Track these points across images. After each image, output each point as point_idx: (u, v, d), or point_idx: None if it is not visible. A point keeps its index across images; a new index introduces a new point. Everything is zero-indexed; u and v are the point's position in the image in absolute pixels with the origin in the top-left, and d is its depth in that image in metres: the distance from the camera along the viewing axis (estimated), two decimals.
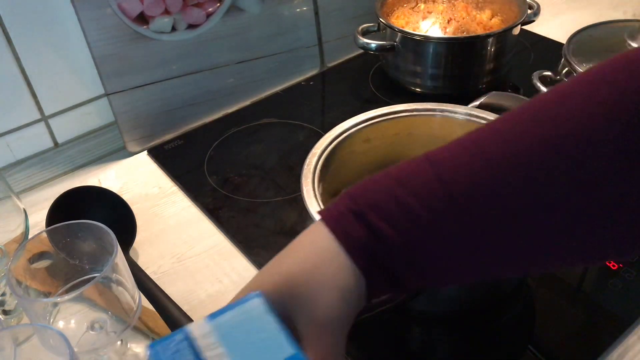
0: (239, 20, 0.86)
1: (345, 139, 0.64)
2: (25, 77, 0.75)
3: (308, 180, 0.57)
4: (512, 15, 0.88)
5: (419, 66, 0.86)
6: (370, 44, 0.87)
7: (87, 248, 0.52)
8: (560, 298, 0.58)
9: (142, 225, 0.69)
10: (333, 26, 0.97)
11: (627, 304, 0.57)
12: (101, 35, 0.75)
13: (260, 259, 0.64)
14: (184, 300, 0.60)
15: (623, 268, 0.60)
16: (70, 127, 0.82)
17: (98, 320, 0.52)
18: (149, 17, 0.78)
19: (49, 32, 0.74)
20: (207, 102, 0.88)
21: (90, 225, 0.50)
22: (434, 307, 0.55)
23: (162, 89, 0.83)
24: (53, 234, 0.51)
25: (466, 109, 0.65)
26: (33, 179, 0.78)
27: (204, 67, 0.86)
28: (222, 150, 0.82)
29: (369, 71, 0.97)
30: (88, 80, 0.80)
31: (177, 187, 0.76)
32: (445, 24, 0.89)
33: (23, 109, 0.77)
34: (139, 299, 0.51)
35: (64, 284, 0.53)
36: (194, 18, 0.81)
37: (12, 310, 0.58)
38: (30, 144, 0.80)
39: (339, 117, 0.67)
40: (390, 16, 0.92)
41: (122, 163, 0.81)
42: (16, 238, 0.56)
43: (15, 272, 0.48)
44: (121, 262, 0.49)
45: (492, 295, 0.56)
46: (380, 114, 0.66)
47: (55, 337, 0.42)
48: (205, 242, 0.67)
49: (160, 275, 0.63)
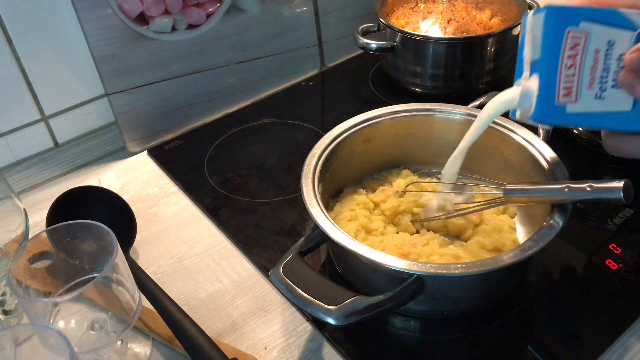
0: (239, 20, 0.86)
1: (345, 139, 0.64)
2: (25, 77, 0.75)
3: (308, 180, 0.57)
4: (512, 15, 0.88)
5: (419, 66, 0.86)
6: (370, 44, 0.87)
7: (87, 248, 0.52)
8: (560, 298, 0.59)
9: (142, 225, 0.69)
10: (333, 26, 0.97)
11: (627, 304, 0.57)
12: (101, 36, 0.75)
13: (260, 259, 0.64)
14: (184, 300, 0.60)
15: (623, 268, 0.60)
16: (70, 127, 0.82)
17: (98, 320, 0.52)
18: (149, 17, 0.78)
19: (49, 32, 0.74)
20: (207, 102, 0.88)
21: (90, 225, 0.50)
22: (434, 307, 0.55)
23: (162, 89, 0.83)
24: (53, 234, 0.51)
25: (466, 109, 0.65)
26: (33, 179, 0.78)
27: (204, 67, 0.86)
28: (222, 150, 0.82)
29: (369, 71, 0.97)
30: (88, 80, 0.80)
31: (177, 187, 0.76)
32: (445, 24, 0.89)
33: (23, 109, 0.77)
34: (139, 299, 0.51)
35: (64, 284, 0.53)
36: (194, 18, 0.81)
37: (12, 310, 0.58)
38: (30, 144, 0.80)
39: (339, 117, 0.67)
40: (390, 16, 0.92)
41: (122, 163, 0.81)
42: (16, 238, 0.56)
43: (15, 272, 0.48)
44: (121, 262, 0.49)
45: (492, 295, 0.56)
46: (380, 114, 0.66)
47: (55, 337, 0.42)
48: (205, 242, 0.67)
49: (160, 275, 0.63)
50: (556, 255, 0.62)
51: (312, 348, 0.55)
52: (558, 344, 0.54)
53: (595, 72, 0.45)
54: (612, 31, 0.44)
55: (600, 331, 0.55)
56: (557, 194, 0.51)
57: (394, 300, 0.48)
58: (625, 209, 0.67)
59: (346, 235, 0.51)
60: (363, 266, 0.54)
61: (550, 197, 0.52)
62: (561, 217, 0.51)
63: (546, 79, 0.45)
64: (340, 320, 0.46)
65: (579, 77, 0.45)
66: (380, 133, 0.66)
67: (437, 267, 0.48)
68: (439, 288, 0.52)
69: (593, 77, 0.45)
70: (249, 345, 0.56)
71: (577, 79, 0.45)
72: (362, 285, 0.56)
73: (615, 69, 0.45)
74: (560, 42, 0.45)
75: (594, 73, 0.45)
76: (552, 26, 0.45)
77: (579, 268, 0.61)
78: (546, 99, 0.46)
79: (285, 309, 0.59)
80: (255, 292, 0.61)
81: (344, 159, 0.64)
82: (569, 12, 0.44)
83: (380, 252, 0.50)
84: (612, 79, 0.45)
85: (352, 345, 0.55)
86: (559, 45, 0.45)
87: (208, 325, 0.57)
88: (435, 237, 0.59)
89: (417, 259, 0.55)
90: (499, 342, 0.56)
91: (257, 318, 0.58)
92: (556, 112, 0.46)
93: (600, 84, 0.46)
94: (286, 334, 0.56)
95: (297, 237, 0.61)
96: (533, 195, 0.53)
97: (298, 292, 0.48)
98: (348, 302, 0.47)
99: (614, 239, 0.63)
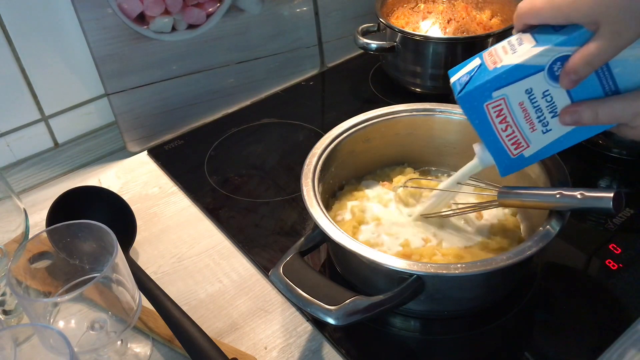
0: (239, 20, 0.86)
1: (345, 139, 0.64)
2: (25, 77, 0.75)
3: (308, 180, 0.57)
4: (512, 15, 0.87)
5: (419, 66, 0.86)
6: (370, 44, 0.87)
7: (87, 248, 0.52)
8: (560, 298, 0.58)
9: (142, 225, 0.69)
10: (333, 26, 0.97)
11: (626, 304, 0.57)
12: (101, 36, 0.75)
13: (260, 259, 0.64)
14: (184, 300, 0.60)
15: (623, 268, 0.60)
16: (70, 127, 0.82)
17: (98, 320, 0.52)
18: (149, 17, 0.78)
19: (49, 32, 0.74)
20: (207, 102, 0.88)
21: (90, 225, 0.50)
22: (434, 307, 0.55)
23: (162, 89, 0.83)
24: (53, 234, 0.51)
25: None
26: (33, 179, 0.78)
27: (204, 67, 0.86)
28: (222, 150, 0.82)
29: (369, 71, 0.97)
30: (88, 80, 0.80)
31: (177, 187, 0.76)
32: (445, 24, 0.89)
33: (23, 109, 0.77)
34: (139, 299, 0.51)
35: (64, 284, 0.53)
36: (194, 18, 0.81)
37: (12, 310, 0.58)
38: (30, 144, 0.80)
39: (339, 117, 0.67)
40: (390, 16, 0.92)
41: (122, 163, 0.81)
42: (16, 238, 0.56)
43: (15, 272, 0.48)
44: (121, 262, 0.49)
45: (492, 295, 0.56)
46: (380, 114, 0.66)
47: (55, 337, 0.42)
48: (205, 242, 0.67)
49: (160, 275, 0.63)
50: (556, 255, 0.62)
51: (312, 348, 0.55)
52: (558, 344, 0.54)
53: (529, 117, 0.49)
54: (524, 82, 0.47)
55: (600, 331, 0.55)
56: (549, 199, 0.52)
57: (394, 300, 0.48)
58: (625, 209, 0.67)
59: (346, 235, 0.51)
60: (363, 266, 0.54)
61: (542, 203, 0.52)
62: (559, 222, 0.51)
63: (493, 148, 0.51)
64: (340, 320, 0.46)
65: (519, 130, 0.49)
66: (380, 133, 0.66)
67: (437, 267, 0.48)
68: (439, 288, 0.52)
69: (531, 122, 0.49)
70: (249, 345, 0.56)
71: (518, 132, 0.49)
72: (362, 285, 0.56)
73: (546, 105, 0.48)
74: (485, 118, 0.49)
75: (530, 118, 0.49)
76: (472, 110, 0.49)
77: (579, 268, 0.62)
78: (502, 160, 0.51)
79: (285, 309, 0.59)
80: (255, 292, 0.61)
81: (344, 159, 0.64)
82: (478, 92, 0.48)
83: (380, 252, 0.50)
84: (548, 112, 0.48)
85: (352, 345, 0.55)
86: (486, 120, 0.49)
87: (208, 325, 0.57)
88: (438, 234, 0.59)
89: (419, 259, 0.55)
90: (499, 342, 0.55)
91: (257, 318, 0.58)
92: (518, 162, 0.51)
93: (540, 123, 0.49)
94: (286, 334, 0.56)
95: (297, 237, 0.61)
96: (525, 199, 0.54)
97: (298, 292, 0.48)
98: (348, 302, 0.47)
99: (614, 239, 0.63)
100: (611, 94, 0.46)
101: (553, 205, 0.51)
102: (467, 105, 0.49)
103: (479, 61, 0.49)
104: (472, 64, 0.50)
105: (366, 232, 0.59)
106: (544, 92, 0.47)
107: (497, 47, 0.49)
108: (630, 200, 0.68)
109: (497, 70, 0.47)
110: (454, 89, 0.50)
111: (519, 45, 0.47)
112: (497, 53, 0.48)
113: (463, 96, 0.48)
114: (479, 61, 0.49)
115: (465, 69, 0.50)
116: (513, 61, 0.46)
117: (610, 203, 0.47)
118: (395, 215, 0.61)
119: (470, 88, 0.48)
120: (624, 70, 0.45)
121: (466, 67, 0.50)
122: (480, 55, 0.50)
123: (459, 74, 0.50)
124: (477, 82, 0.48)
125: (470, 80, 0.48)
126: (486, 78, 0.47)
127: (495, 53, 0.49)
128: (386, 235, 0.59)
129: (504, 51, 0.48)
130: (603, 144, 0.74)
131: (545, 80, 0.46)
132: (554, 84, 0.46)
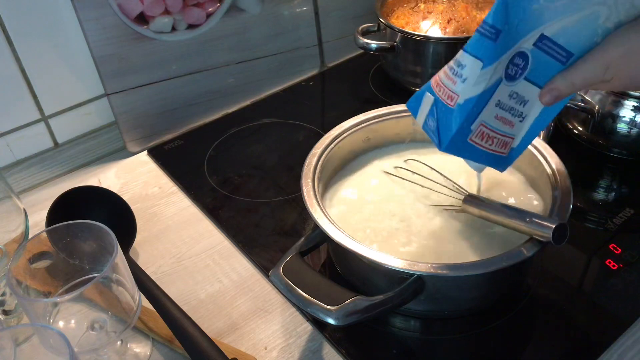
0: (239, 20, 0.86)
1: (345, 139, 0.64)
2: (25, 77, 0.75)
3: (308, 180, 0.57)
4: None
5: (419, 66, 0.86)
6: (370, 44, 0.87)
7: (87, 248, 0.52)
8: (560, 298, 0.59)
9: (142, 225, 0.69)
10: (333, 26, 0.97)
11: (627, 304, 0.57)
12: (101, 35, 0.75)
13: (260, 259, 0.64)
14: (184, 300, 0.60)
15: (623, 268, 0.60)
16: (70, 127, 0.82)
17: (98, 320, 0.52)
18: (149, 17, 0.78)
19: (49, 32, 0.74)
20: (207, 102, 0.88)
21: (90, 225, 0.50)
22: (434, 307, 0.55)
23: (162, 89, 0.83)
24: (53, 234, 0.51)
25: None
26: (33, 179, 0.78)
27: (204, 67, 0.86)
28: (222, 150, 0.82)
29: (369, 71, 0.97)
30: (88, 80, 0.80)
31: (177, 187, 0.76)
32: (445, 24, 0.89)
33: (23, 109, 0.77)
34: (139, 299, 0.51)
35: (64, 284, 0.54)
36: (194, 18, 0.81)
37: (12, 310, 0.58)
38: (30, 144, 0.80)
39: (339, 117, 0.67)
40: (390, 16, 0.92)
41: (122, 163, 0.81)
42: (16, 238, 0.56)
43: (15, 272, 0.48)
44: (121, 262, 0.49)
45: (493, 295, 0.56)
46: (380, 114, 0.66)
47: (55, 337, 0.42)
48: (205, 242, 0.67)
49: (160, 275, 0.63)
50: (556, 255, 0.62)
51: (312, 348, 0.55)
52: (558, 344, 0.54)
53: (507, 120, 0.50)
54: (492, 100, 0.47)
55: (600, 331, 0.55)
56: (502, 215, 0.52)
57: (394, 300, 0.48)
58: (625, 209, 0.67)
59: (346, 235, 0.51)
60: (363, 266, 0.54)
61: (496, 217, 0.52)
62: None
63: (486, 161, 0.51)
64: (341, 320, 0.46)
65: (503, 134, 0.50)
66: (380, 133, 0.66)
67: (437, 267, 0.48)
68: (439, 288, 0.52)
69: (509, 122, 0.50)
70: (249, 346, 0.56)
71: (502, 137, 0.50)
72: (362, 286, 0.56)
73: (515, 101, 0.48)
74: (473, 148, 0.49)
75: (507, 120, 0.49)
76: (459, 150, 0.49)
77: (579, 268, 0.61)
78: (498, 162, 0.52)
79: (285, 309, 0.59)
80: (255, 292, 0.61)
81: (344, 159, 0.64)
82: (458, 135, 0.48)
83: (380, 252, 0.50)
84: (519, 105, 0.49)
85: (352, 345, 0.55)
86: (474, 149, 0.49)
87: (208, 325, 0.57)
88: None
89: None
90: (499, 342, 0.55)
91: (257, 318, 0.58)
92: (510, 155, 0.52)
93: (517, 118, 0.50)
94: (286, 334, 0.56)
95: (297, 237, 0.61)
96: (483, 210, 0.54)
97: (298, 292, 0.48)
98: (348, 302, 0.47)
99: (614, 239, 0.63)
100: (572, 62, 0.46)
101: (506, 223, 0.51)
102: (454, 150, 0.49)
103: (432, 97, 0.49)
104: (427, 102, 0.50)
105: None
106: (510, 95, 0.48)
107: (440, 77, 0.48)
108: (630, 200, 0.68)
109: (464, 107, 0.46)
110: (428, 134, 0.51)
111: (462, 69, 0.46)
112: (445, 85, 0.48)
113: (449, 146, 0.48)
114: (431, 97, 0.49)
115: (424, 109, 0.50)
116: (473, 92, 0.46)
117: (550, 232, 0.47)
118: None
119: (450, 136, 0.48)
120: (569, 38, 0.45)
121: (422, 105, 0.50)
122: (428, 88, 0.50)
123: (421, 114, 0.51)
124: (452, 127, 0.47)
125: (441, 126, 0.49)
126: (459, 120, 0.47)
127: (442, 84, 0.48)
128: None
129: (452, 81, 0.47)
130: (603, 144, 0.74)
131: (507, 86, 0.47)
132: (514, 82, 0.47)
